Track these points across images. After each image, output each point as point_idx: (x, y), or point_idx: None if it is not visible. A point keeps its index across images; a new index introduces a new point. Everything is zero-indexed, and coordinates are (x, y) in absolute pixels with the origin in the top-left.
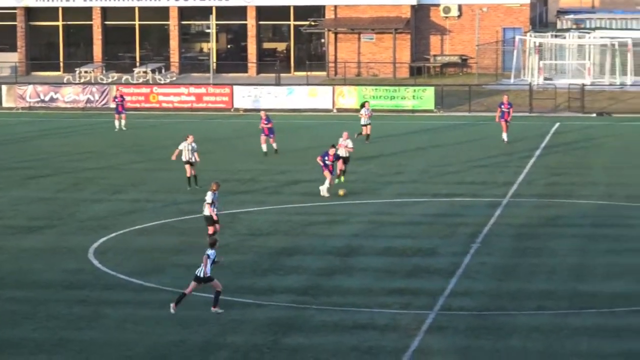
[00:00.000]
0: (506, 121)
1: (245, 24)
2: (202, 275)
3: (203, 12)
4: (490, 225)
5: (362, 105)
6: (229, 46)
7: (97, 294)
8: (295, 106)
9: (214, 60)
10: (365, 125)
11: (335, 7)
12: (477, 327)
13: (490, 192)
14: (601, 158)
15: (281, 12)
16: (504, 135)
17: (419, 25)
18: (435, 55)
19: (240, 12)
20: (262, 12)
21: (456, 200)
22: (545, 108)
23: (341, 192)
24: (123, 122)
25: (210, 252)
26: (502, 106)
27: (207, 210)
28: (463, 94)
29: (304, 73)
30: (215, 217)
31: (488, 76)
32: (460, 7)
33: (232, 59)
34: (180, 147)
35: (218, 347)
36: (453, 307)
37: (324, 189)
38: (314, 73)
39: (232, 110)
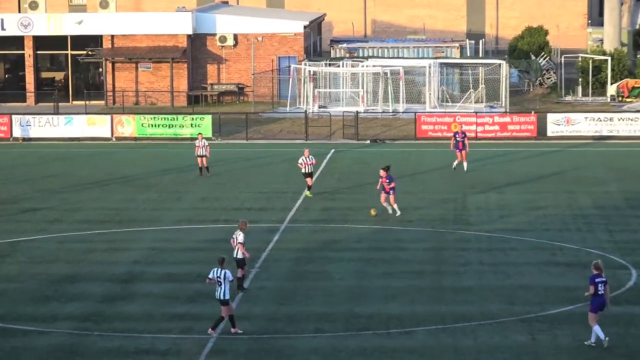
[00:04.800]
0: (460, 150)
1: (23, 54)
2: (221, 297)
3: None
4: (268, 250)
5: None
6: (7, 76)
7: None
8: (75, 135)
9: None
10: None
11: (112, 36)
12: (257, 350)
13: (269, 218)
14: (375, 183)
15: (58, 42)
16: (465, 165)
17: (196, 54)
18: (212, 84)
19: (18, 42)
20: (40, 42)
21: (235, 227)
22: (321, 135)
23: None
24: None
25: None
26: (457, 135)
27: (239, 253)
28: (240, 122)
29: (82, 102)
30: (248, 256)
31: (264, 104)
32: (236, 37)
33: (10, 89)
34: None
35: None
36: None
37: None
38: (92, 102)
39: (10, 139)
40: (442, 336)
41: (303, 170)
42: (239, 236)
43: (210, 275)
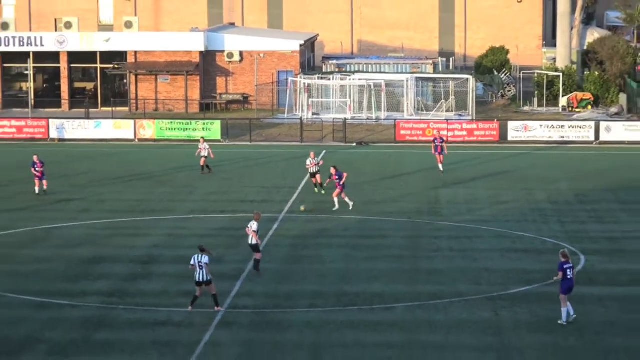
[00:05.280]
0: (440, 154)
1: (59, 67)
2: (201, 279)
3: (22, 57)
4: (269, 237)
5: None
6: (45, 85)
7: None
8: (103, 137)
9: (32, 97)
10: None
11: (136, 52)
12: (259, 322)
13: (269, 209)
14: (360, 180)
15: (89, 56)
16: (440, 166)
17: (207, 68)
18: (221, 94)
19: (54, 56)
20: (73, 57)
21: (239, 216)
22: (314, 138)
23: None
24: None
25: (203, 257)
26: (436, 140)
27: (253, 239)
28: (245, 126)
29: (109, 108)
30: (259, 242)
31: (266, 111)
32: (241, 53)
33: (47, 97)
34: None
35: (38, 342)
36: (238, 306)
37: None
38: (118, 108)
39: (48, 140)
40: (418, 312)
41: (310, 170)
42: (253, 225)
43: (192, 262)
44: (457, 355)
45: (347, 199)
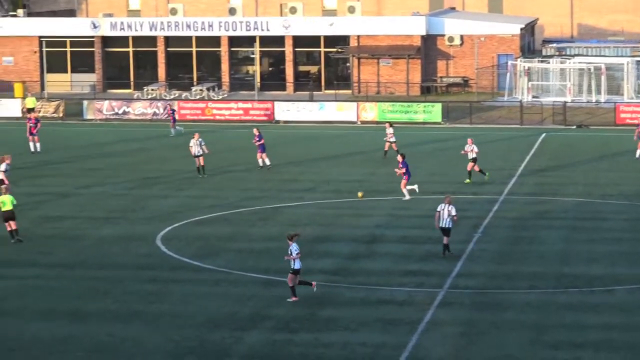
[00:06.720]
0: None
1: (284, 51)
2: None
3: (249, 41)
4: (489, 218)
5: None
6: (270, 69)
7: (164, 274)
8: (326, 119)
9: (258, 80)
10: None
11: (358, 36)
12: (479, 302)
13: (489, 191)
14: (580, 162)
15: (313, 40)
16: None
17: (428, 51)
18: (441, 77)
19: (280, 41)
20: (298, 41)
21: (460, 197)
22: (533, 121)
23: (360, 194)
24: (172, 130)
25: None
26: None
27: (449, 222)
28: (465, 109)
29: (332, 91)
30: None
31: (485, 94)
32: (462, 37)
33: (273, 80)
34: (191, 144)
35: (264, 318)
36: (459, 286)
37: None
38: (340, 91)
39: (273, 122)
40: (639, 294)
41: (469, 157)
42: (452, 210)
43: (297, 251)
44: None
45: (404, 190)
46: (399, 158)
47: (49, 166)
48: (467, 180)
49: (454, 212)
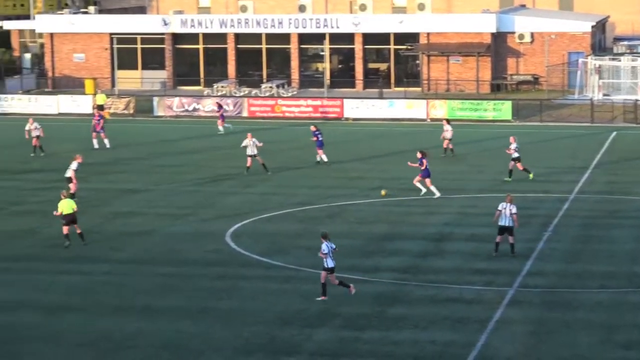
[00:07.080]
0: None
1: (353, 48)
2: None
3: (318, 38)
4: (559, 217)
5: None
6: (339, 66)
7: (233, 271)
8: (395, 116)
9: (328, 77)
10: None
11: (428, 34)
12: (549, 302)
13: (559, 189)
14: None
15: (383, 38)
16: None
17: (498, 49)
18: (511, 75)
19: (349, 38)
20: (367, 38)
21: (530, 196)
22: (604, 119)
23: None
24: (220, 127)
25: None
26: None
27: (510, 221)
28: (535, 107)
29: (402, 88)
30: (516, 225)
31: (556, 92)
32: (532, 34)
33: (342, 77)
34: (244, 143)
35: (333, 316)
36: (529, 285)
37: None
38: (410, 89)
39: (342, 119)
40: None
41: (512, 156)
42: (513, 208)
43: (325, 250)
44: None
45: (420, 185)
46: (418, 155)
47: (119, 163)
48: (507, 179)
49: (514, 211)
